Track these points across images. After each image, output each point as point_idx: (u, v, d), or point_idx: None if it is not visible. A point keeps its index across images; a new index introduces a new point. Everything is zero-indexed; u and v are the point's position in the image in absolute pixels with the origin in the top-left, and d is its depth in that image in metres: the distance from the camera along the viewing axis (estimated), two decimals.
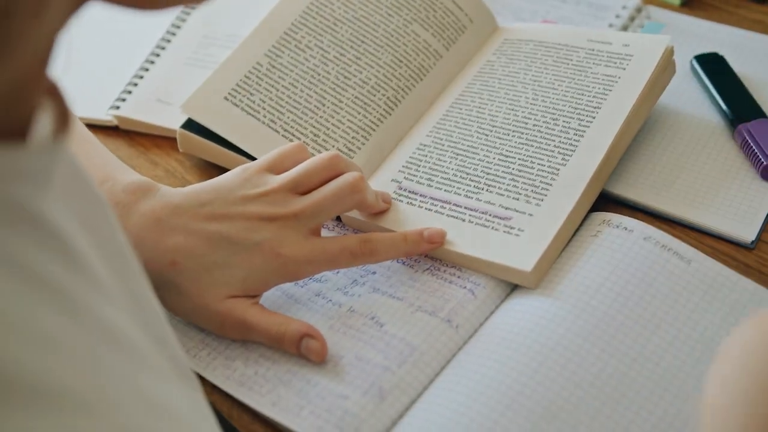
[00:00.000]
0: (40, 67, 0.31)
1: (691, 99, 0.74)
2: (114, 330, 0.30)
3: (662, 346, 0.55)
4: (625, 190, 0.67)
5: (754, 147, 0.66)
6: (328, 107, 0.71)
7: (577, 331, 0.56)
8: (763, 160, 0.65)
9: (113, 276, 0.34)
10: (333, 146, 0.70)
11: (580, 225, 0.64)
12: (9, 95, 0.29)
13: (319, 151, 0.69)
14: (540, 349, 0.55)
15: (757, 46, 0.78)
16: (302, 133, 0.70)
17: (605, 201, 0.66)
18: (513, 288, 0.61)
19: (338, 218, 0.67)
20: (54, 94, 0.33)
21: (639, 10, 0.84)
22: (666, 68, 0.69)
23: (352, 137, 0.70)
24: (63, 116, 0.33)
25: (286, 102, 0.71)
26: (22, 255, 0.28)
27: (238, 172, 0.60)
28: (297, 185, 0.59)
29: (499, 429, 0.51)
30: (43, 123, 0.32)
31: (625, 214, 0.65)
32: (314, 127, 0.70)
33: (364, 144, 0.70)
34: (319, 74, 0.72)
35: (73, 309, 0.28)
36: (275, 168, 0.61)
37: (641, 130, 0.70)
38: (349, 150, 0.70)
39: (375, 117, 0.72)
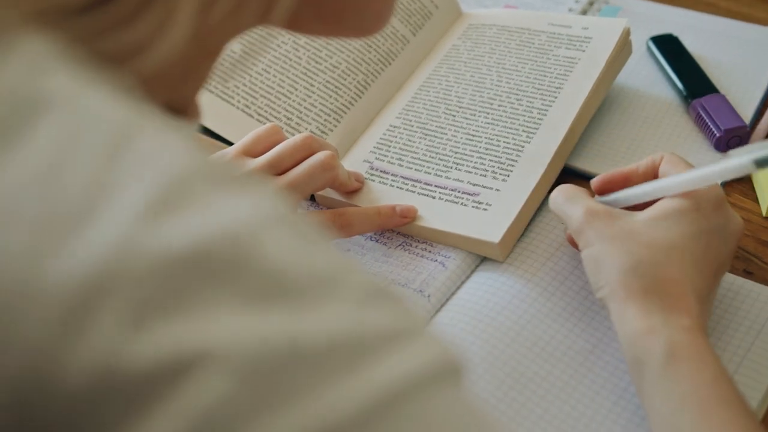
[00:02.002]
0: (206, 58, 0.36)
1: (648, 78, 0.77)
2: None
3: None
4: (587, 164, 0.70)
5: (707, 120, 0.69)
6: (300, 91, 0.73)
7: (547, 312, 0.58)
8: (716, 132, 0.68)
9: None
10: (306, 129, 0.72)
11: (547, 206, 0.66)
12: (181, 71, 0.33)
13: (294, 134, 0.71)
14: (512, 326, 0.58)
15: (709, 27, 0.82)
16: (276, 117, 0.72)
17: (568, 175, 0.69)
18: (482, 259, 0.64)
19: (313, 199, 0.69)
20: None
21: None
22: (623, 49, 0.73)
23: (325, 120, 0.73)
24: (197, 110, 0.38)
25: (260, 87, 0.73)
26: None
27: (216, 158, 0.62)
28: (272, 167, 0.62)
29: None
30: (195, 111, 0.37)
31: (586, 187, 0.68)
32: (287, 111, 0.72)
33: (336, 126, 0.73)
34: (290, 60, 0.75)
35: None
36: (251, 151, 0.63)
37: (601, 107, 0.73)
38: (322, 132, 0.72)
39: (346, 100, 0.74)
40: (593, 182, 0.59)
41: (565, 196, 0.56)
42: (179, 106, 0.35)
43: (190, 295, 0.24)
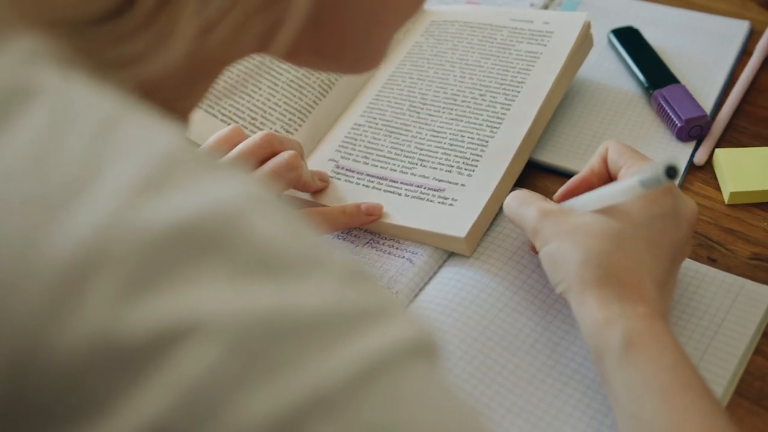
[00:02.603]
0: (202, 79, 0.37)
1: (610, 70, 0.78)
2: None
3: None
4: (552, 157, 0.70)
5: (668, 110, 0.70)
6: (264, 91, 0.73)
7: (514, 306, 0.59)
8: (677, 122, 0.69)
9: None
10: (271, 129, 0.72)
11: None
12: (183, 81, 0.34)
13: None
14: (480, 320, 0.58)
15: (668, 19, 0.82)
16: (240, 118, 0.72)
17: (533, 168, 0.70)
18: (449, 254, 0.64)
19: None
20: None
21: None
22: (584, 43, 0.73)
23: (289, 119, 0.73)
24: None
25: (223, 87, 0.73)
26: None
27: None
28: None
29: None
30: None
31: (551, 180, 0.69)
32: (251, 111, 0.72)
33: (300, 126, 0.73)
34: (254, 59, 0.74)
35: None
36: (214, 153, 0.63)
37: (564, 100, 0.74)
38: (287, 132, 0.72)
39: (310, 99, 0.74)
40: (556, 197, 0.60)
41: (518, 201, 0.57)
42: (177, 111, 0.36)
43: (180, 268, 0.25)
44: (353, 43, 0.40)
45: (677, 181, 0.67)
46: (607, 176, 0.58)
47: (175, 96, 0.35)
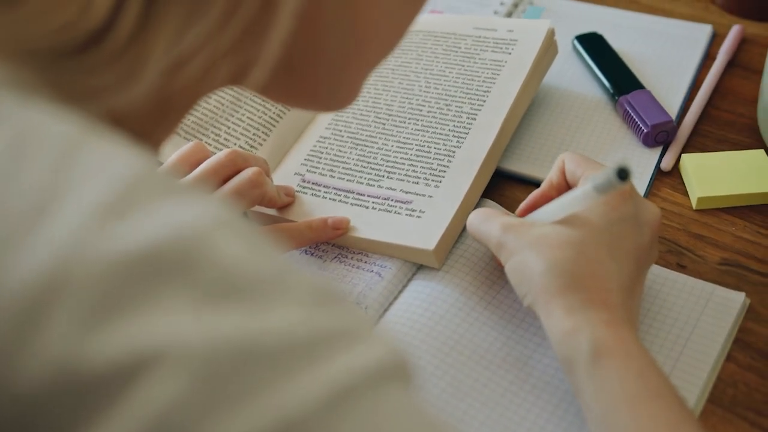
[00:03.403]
0: (175, 110, 0.36)
1: (575, 76, 0.78)
2: None
3: None
4: (519, 165, 0.70)
5: (634, 116, 0.70)
6: (227, 106, 0.72)
7: (485, 320, 0.58)
8: (643, 128, 0.69)
9: None
10: (235, 144, 0.71)
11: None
12: (155, 111, 0.34)
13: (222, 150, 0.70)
14: (451, 335, 0.57)
15: (632, 24, 0.83)
16: (203, 134, 0.70)
17: (501, 177, 0.69)
18: (418, 267, 0.63)
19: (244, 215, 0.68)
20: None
21: None
22: (548, 50, 0.73)
23: (253, 134, 0.72)
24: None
25: None
26: None
27: None
28: (199, 186, 0.60)
29: None
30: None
31: (519, 189, 0.68)
32: (215, 126, 0.71)
33: (265, 140, 0.72)
34: None
35: None
36: (177, 171, 0.62)
37: (530, 108, 0.74)
38: (251, 147, 0.71)
39: (274, 113, 0.73)
40: (518, 212, 0.60)
41: (480, 219, 0.56)
42: (147, 142, 0.35)
43: (142, 295, 0.24)
44: (327, 84, 0.40)
45: (632, 184, 0.66)
46: (566, 188, 0.58)
47: (144, 126, 0.35)
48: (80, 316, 0.24)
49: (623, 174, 0.45)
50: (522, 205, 0.59)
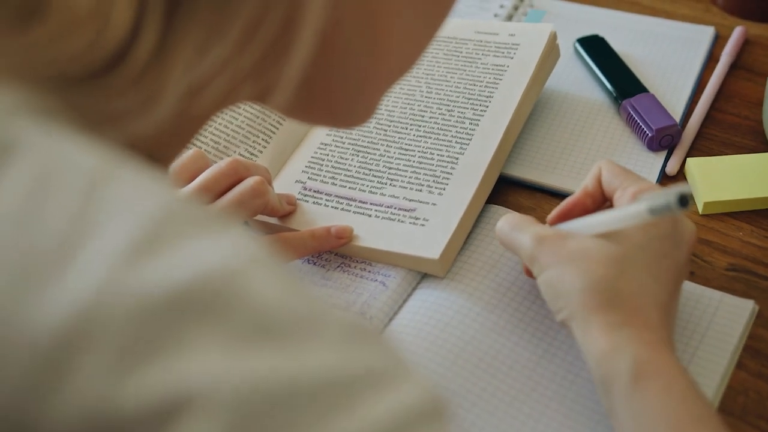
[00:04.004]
0: (192, 126, 0.36)
1: (577, 80, 0.77)
2: None
3: (570, 338, 0.57)
4: (522, 171, 0.69)
5: (638, 120, 0.69)
6: (226, 114, 0.71)
7: (491, 327, 0.57)
8: (647, 131, 0.68)
9: None
10: (235, 152, 0.70)
11: (485, 217, 0.65)
12: (165, 134, 0.33)
13: (223, 159, 0.69)
14: (456, 342, 0.56)
15: (633, 26, 0.82)
16: (203, 142, 0.70)
17: (503, 183, 0.68)
18: (423, 276, 0.62)
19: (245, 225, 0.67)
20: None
21: None
22: (551, 53, 0.72)
23: (253, 142, 0.71)
24: None
25: None
26: None
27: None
28: (200, 196, 0.60)
29: None
30: None
31: (522, 194, 0.68)
32: (214, 134, 0.70)
33: (265, 148, 0.71)
34: None
35: None
36: (177, 181, 0.61)
37: (532, 113, 0.73)
38: (251, 155, 0.70)
39: (274, 120, 0.72)
40: (549, 219, 0.57)
41: (510, 226, 0.54)
42: (160, 160, 0.35)
43: (175, 336, 0.24)
44: (345, 102, 0.40)
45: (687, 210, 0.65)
46: (602, 198, 0.56)
47: (159, 146, 0.34)
48: (112, 360, 0.23)
49: (684, 201, 0.44)
50: (554, 213, 0.56)
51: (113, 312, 0.24)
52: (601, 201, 0.56)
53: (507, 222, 0.55)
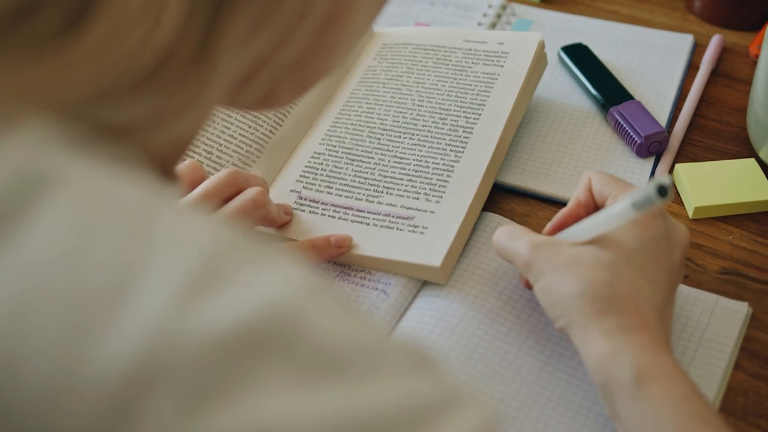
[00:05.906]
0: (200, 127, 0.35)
1: (563, 88, 0.78)
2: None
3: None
4: (514, 178, 0.70)
5: (626, 127, 0.71)
6: (218, 123, 0.71)
7: (495, 334, 0.58)
8: (636, 138, 0.70)
9: None
10: (228, 162, 0.69)
11: (481, 224, 0.66)
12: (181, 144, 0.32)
13: (216, 168, 0.68)
14: (462, 350, 0.57)
15: (615, 34, 0.83)
16: (195, 153, 0.69)
17: (496, 190, 0.69)
18: (423, 283, 0.63)
19: None
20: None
21: (504, 7, 0.88)
22: (539, 62, 0.73)
23: (246, 151, 0.70)
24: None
25: None
26: None
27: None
28: (205, 203, 0.59)
29: None
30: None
31: (515, 201, 0.69)
32: (207, 144, 0.70)
33: (258, 157, 0.71)
34: None
35: None
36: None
37: (522, 121, 0.74)
38: (245, 164, 0.70)
39: (266, 129, 0.72)
40: (545, 233, 0.58)
41: (506, 236, 0.55)
42: (170, 168, 0.34)
43: (242, 375, 0.23)
44: (321, 72, 0.38)
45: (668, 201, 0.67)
46: (593, 207, 0.57)
47: (174, 157, 0.34)
48: (180, 403, 0.23)
49: (663, 191, 0.45)
50: (549, 225, 0.58)
51: (178, 351, 0.23)
52: (594, 210, 0.57)
53: (503, 232, 0.56)
